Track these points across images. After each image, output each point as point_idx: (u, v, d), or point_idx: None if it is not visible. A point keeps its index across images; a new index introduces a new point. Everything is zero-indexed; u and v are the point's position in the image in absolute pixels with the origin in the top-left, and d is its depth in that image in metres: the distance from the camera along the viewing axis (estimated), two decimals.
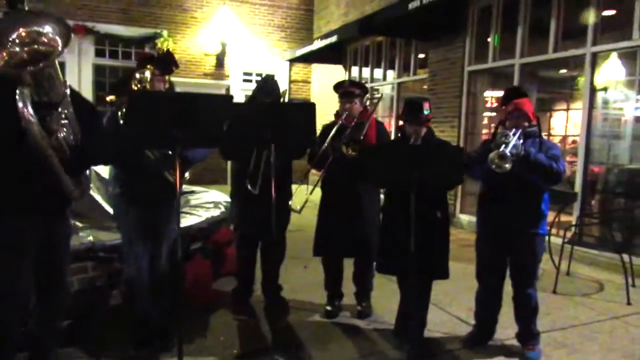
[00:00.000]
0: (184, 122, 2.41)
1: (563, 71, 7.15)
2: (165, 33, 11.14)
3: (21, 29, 2.22)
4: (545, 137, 3.38)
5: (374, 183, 3.44)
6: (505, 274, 3.28)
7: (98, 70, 10.86)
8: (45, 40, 2.24)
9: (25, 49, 2.20)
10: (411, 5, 6.12)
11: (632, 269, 4.40)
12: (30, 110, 2.17)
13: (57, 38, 2.27)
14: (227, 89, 11.85)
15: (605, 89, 5.68)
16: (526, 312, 3.22)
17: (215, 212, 5.09)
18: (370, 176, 3.17)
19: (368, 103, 3.90)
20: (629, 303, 4.20)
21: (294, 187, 3.93)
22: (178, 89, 2.81)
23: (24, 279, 2.52)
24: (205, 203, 5.47)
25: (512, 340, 3.41)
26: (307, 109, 3.00)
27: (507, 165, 2.82)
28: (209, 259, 4.30)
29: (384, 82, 9.65)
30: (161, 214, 3.18)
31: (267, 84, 3.92)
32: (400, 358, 3.19)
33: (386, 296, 4.17)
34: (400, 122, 3.37)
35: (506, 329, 3.46)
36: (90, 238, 3.73)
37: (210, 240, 4.70)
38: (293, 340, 3.42)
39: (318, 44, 9.28)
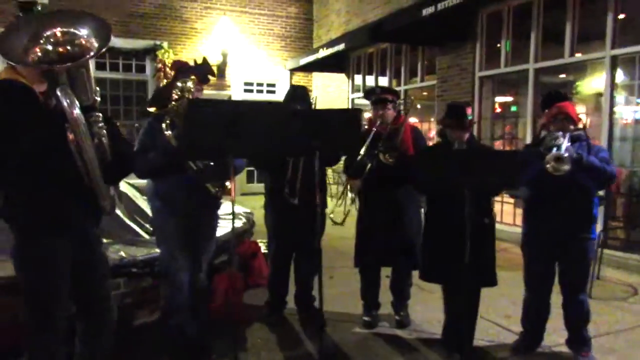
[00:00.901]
0: (237, 130, 2.32)
1: (562, 76, 7.14)
2: (165, 44, 11.05)
3: (58, 28, 2.12)
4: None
5: (421, 189, 3.36)
6: (554, 281, 3.22)
7: (99, 83, 10.66)
8: (80, 43, 2.13)
9: (59, 49, 2.09)
10: (425, 12, 6.10)
11: None
12: (78, 110, 2.06)
13: (93, 41, 2.17)
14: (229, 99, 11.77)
15: (622, 92, 5.68)
16: (579, 319, 3.16)
17: (237, 223, 4.98)
18: (418, 183, 3.10)
19: (402, 108, 3.85)
20: None
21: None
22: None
23: (64, 301, 2.39)
24: (225, 214, 5.36)
25: (560, 347, 3.35)
26: (352, 114, 2.92)
27: (565, 167, 2.77)
28: (245, 271, 4.20)
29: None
30: (202, 226, 3.09)
31: (297, 92, 3.86)
32: None
33: (420, 304, 4.11)
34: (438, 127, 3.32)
35: (550, 335, 3.40)
36: (122, 253, 3.61)
37: (235, 252, 4.60)
38: (340, 354, 3.33)
39: (323, 52, 9.24)
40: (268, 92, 12.04)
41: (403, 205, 3.66)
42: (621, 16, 5.46)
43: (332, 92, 11.35)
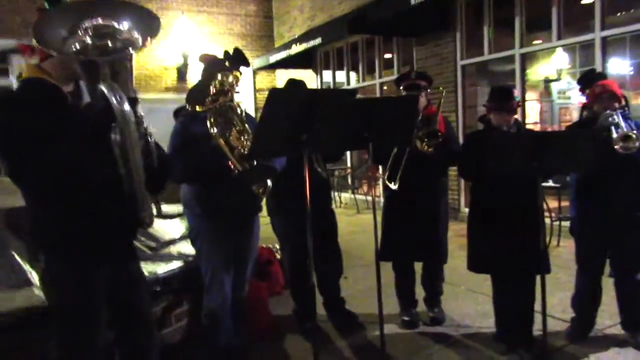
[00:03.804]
0: (311, 122, 2.07)
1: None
2: None
3: (98, 19, 1.78)
4: None
5: (474, 177, 3.19)
6: (605, 262, 3.15)
7: None
8: (122, 38, 1.83)
9: (100, 42, 1.77)
10: (414, 1, 5.98)
11: None
12: (128, 107, 1.77)
13: (135, 34, 1.87)
14: None
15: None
16: (635, 299, 3.10)
17: None
18: (478, 170, 2.94)
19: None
20: None
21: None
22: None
23: (103, 328, 2.06)
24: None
25: (611, 329, 3.31)
26: (409, 102, 2.71)
27: (636, 144, 2.68)
28: (264, 280, 3.91)
29: (364, 83, 9.50)
30: (246, 231, 2.81)
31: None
32: None
33: (451, 299, 3.97)
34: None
35: (598, 318, 3.32)
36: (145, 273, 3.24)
37: None
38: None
39: (297, 48, 8.98)
40: None
41: (435, 196, 3.51)
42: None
43: None
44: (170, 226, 4.00)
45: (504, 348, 3.13)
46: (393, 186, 3.27)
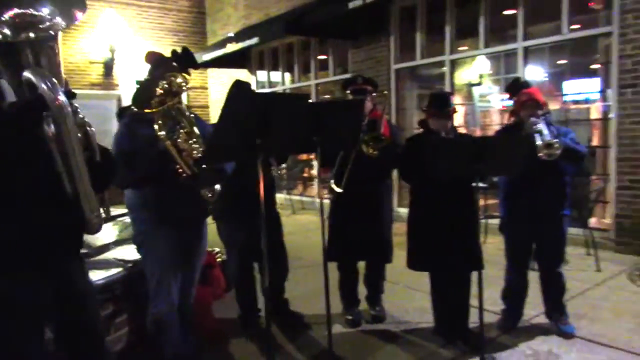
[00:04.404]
0: (267, 126, 2.09)
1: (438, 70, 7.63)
2: None
3: (15, 9, 1.67)
4: None
5: (415, 179, 3.32)
6: (531, 257, 3.41)
7: None
8: (43, 26, 1.70)
9: (22, 35, 1.65)
10: (351, 4, 6.10)
11: (593, 241, 4.88)
12: (62, 95, 1.63)
13: (58, 19, 1.73)
14: (119, 100, 10.83)
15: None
16: (558, 291, 3.38)
17: None
18: (416, 172, 3.08)
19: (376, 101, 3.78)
20: (598, 270, 4.67)
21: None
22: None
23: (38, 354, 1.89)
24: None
25: (536, 319, 3.57)
26: (355, 105, 2.79)
27: (557, 152, 2.91)
28: (206, 285, 3.84)
29: (299, 84, 9.55)
30: (194, 238, 2.77)
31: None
32: (456, 355, 3.16)
33: (390, 295, 4.11)
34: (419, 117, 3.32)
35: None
36: None
37: None
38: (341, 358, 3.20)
39: (232, 47, 8.86)
40: None
41: (380, 197, 3.63)
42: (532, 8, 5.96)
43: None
44: (102, 231, 3.84)
45: (443, 341, 3.30)
46: (339, 190, 3.35)
